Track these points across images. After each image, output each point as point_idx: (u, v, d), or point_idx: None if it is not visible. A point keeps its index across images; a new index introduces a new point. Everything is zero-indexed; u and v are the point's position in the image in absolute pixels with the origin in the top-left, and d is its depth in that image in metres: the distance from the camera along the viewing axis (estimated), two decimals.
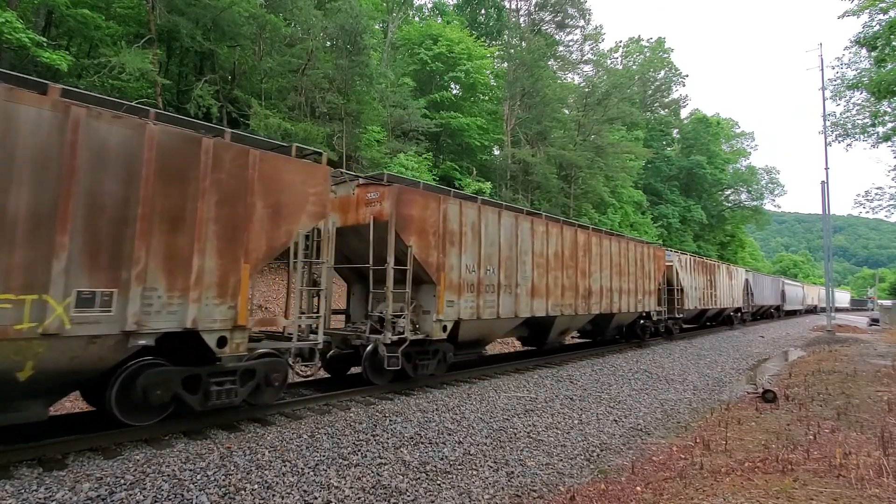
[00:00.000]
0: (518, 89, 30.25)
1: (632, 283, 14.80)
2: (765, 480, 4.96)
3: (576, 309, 11.78)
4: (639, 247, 15.80)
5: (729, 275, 24.90)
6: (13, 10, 12.38)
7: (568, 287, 11.47)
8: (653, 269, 16.38)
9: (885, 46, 18.91)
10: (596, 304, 12.69)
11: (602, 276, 13.06)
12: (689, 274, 20.39)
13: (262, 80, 18.38)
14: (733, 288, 25.58)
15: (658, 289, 16.90)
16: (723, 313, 25.15)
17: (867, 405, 8.74)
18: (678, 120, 58.84)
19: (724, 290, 23.98)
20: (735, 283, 26.08)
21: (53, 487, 4.11)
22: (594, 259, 12.72)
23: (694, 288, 20.74)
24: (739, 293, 26.58)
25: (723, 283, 23.74)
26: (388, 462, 5.44)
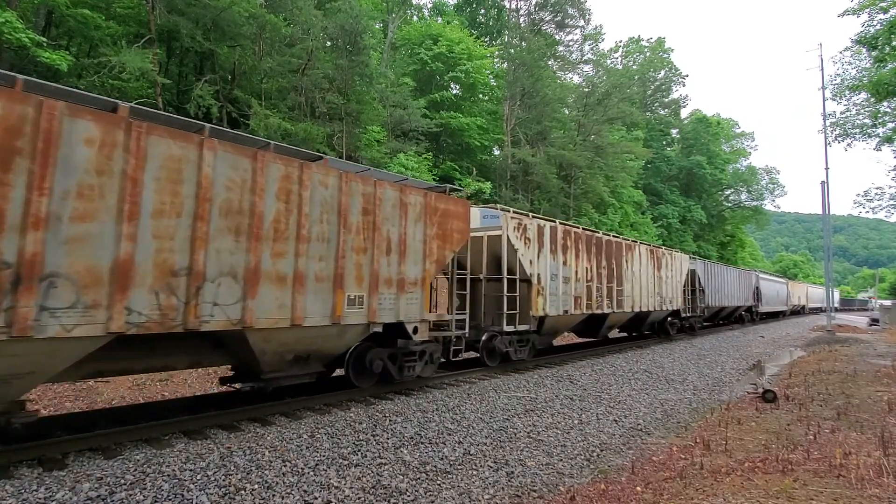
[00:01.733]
0: (518, 89, 30.25)
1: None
2: (765, 480, 4.96)
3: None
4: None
5: (657, 263, 17.00)
6: (13, 10, 12.38)
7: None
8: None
9: (885, 46, 18.91)
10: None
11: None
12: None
13: (262, 80, 18.38)
14: (665, 283, 17.46)
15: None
16: (645, 321, 17.01)
17: (867, 405, 8.74)
18: (678, 120, 58.84)
19: (645, 285, 16.13)
20: (671, 275, 18.10)
21: (53, 487, 4.11)
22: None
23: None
24: (677, 290, 18.64)
25: (642, 275, 15.88)
26: (388, 462, 5.44)
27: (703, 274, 21.68)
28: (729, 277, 25.48)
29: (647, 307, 16.12)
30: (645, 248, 16.14)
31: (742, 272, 28.90)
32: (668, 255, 18.13)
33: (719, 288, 23.75)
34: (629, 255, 15.09)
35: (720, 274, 24.26)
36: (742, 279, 28.11)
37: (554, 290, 11.57)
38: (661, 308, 17.09)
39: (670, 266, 18.21)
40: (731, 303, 25.60)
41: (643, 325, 17.20)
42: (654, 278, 16.58)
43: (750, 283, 29.70)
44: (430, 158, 24.38)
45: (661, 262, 17.39)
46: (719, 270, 24.34)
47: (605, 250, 13.77)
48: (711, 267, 23.24)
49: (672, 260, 18.41)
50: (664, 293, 17.39)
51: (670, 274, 18.06)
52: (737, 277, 27.12)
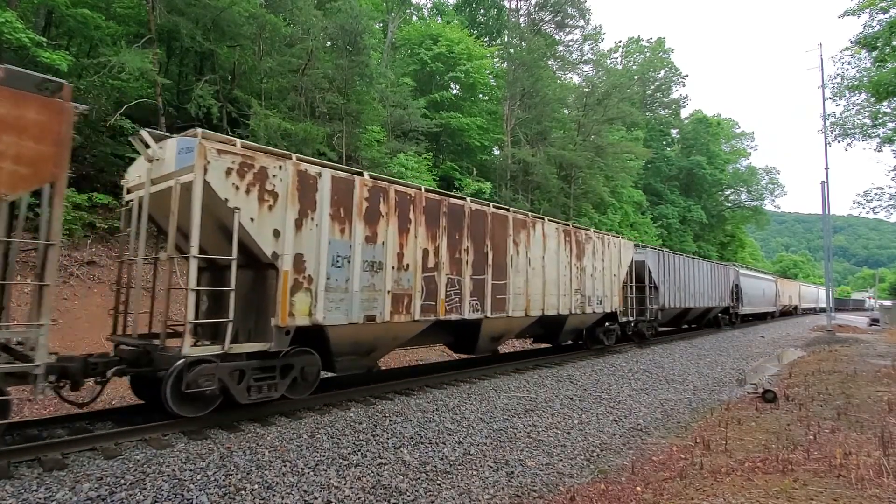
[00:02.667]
0: (518, 89, 30.24)
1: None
2: (765, 480, 4.96)
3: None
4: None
5: (575, 249, 12.50)
6: (13, 10, 12.37)
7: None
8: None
9: (885, 46, 18.92)
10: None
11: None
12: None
13: (262, 80, 18.37)
14: (591, 276, 13.07)
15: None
16: (562, 328, 12.41)
17: (867, 405, 8.74)
18: (678, 120, 58.83)
19: (555, 278, 11.69)
20: (602, 266, 13.62)
21: (53, 487, 4.11)
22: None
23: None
24: (613, 287, 14.06)
25: (548, 265, 11.45)
26: (388, 462, 5.44)
27: (656, 266, 17.15)
28: (696, 272, 20.91)
29: (559, 309, 11.50)
30: (554, 228, 11.73)
31: (716, 266, 24.07)
32: (598, 240, 13.48)
33: (682, 285, 19.20)
34: (522, 235, 10.51)
35: (682, 267, 19.50)
36: (716, 275, 23.40)
37: (340, 283, 6.91)
38: (585, 311, 12.61)
39: (600, 254, 13.49)
40: (701, 303, 21.18)
41: (561, 334, 12.49)
42: (570, 270, 12.13)
43: (727, 279, 25.02)
44: (430, 158, 24.38)
45: (584, 249, 12.75)
46: (681, 263, 19.46)
47: (470, 225, 9.11)
48: (669, 258, 18.40)
49: (604, 246, 13.66)
50: (589, 290, 12.79)
51: (601, 265, 13.46)
52: (708, 272, 22.45)
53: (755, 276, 31.91)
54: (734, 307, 26.33)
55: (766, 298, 33.11)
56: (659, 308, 17.22)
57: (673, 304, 18.42)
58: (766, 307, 32.97)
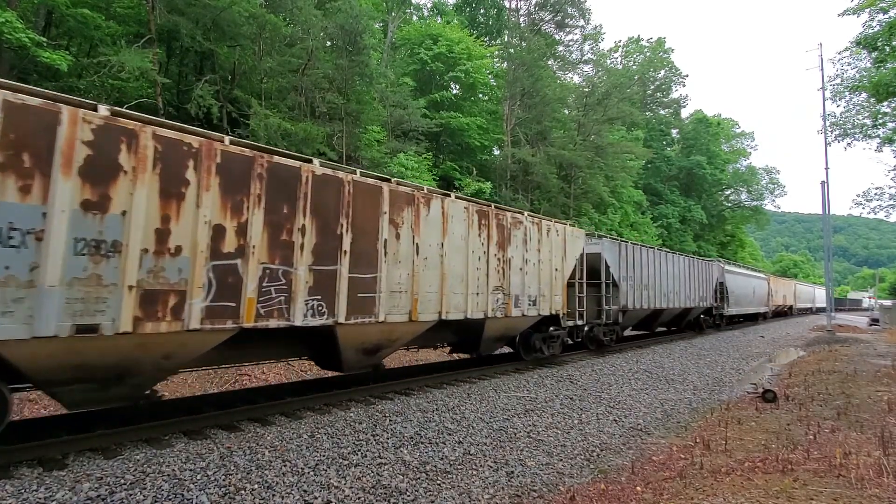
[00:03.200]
0: (518, 89, 30.23)
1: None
2: (765, 480, 4.96)
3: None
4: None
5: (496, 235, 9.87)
6: (13, 10, 12.37)
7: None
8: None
9: (885, 46, 18.92)
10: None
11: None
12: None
13: (262, 80, 18.36)
14: (520, 271, 10.45)
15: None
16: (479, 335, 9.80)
17: (867, 405, 8.74)
18: (678, 120, 58.84)
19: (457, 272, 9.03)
20: (538, 258, 11.03)
21: (53, 487, 4.11)
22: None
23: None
24: (553, 284, 11.41)
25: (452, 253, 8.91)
26: (388, 462, 5.44)
27: (616, 260, 14.54)
28: (670, 268, 18.26)
29: (469, 312, 8.87)
30: (462, 208, 8.95)
31: (696, 262, 21.23)
32: (532, 226, 10.77)
33: (652, 282, 16.58)
34: (407, 214, 7.86)
35: (652, 262, 16.82)
36: (696, 271, 20.83)
37: (12, 273, 4.24)
38: (511, 313, 9.93)
39: (535, 244, 10.80)
40: (676, 303, 18.57)
41: (482, 342, 9.75)
42: (488, 262, 9.40)
43: (709, 276, 22.43)
44: (430, 158, 24.37)
45: (511, 236, 10.07)
46: (650, 258, 16.79)
47: (312, 196, 6.45)
48: (633, 251, 15.64)
49: (540, 234, 11.03)
50: (517, 288, 10.12)
51: (536, 257, 10.76)
52: (685, 269, 19.73)
53: (744, 274, 29.03)
54: (718, 308, 23.73)
55: (756, 298, 30.35)
56: (620, 309, 14.49)
57: (639, 304, 15.67)
58: (756, 307, 30.32)
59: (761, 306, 31.70)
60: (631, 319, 16.24)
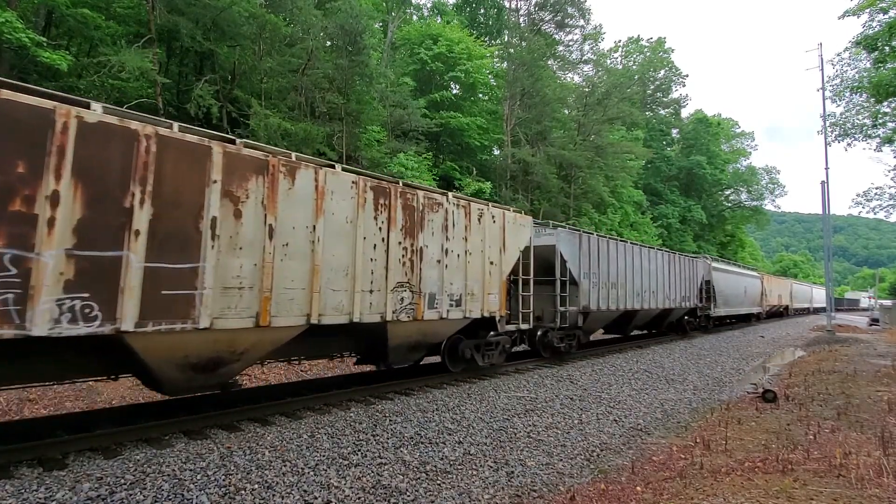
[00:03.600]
0: (518, 89, 30.23)
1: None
2: (765, 480, 4.96)
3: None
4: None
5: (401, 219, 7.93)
6: (13, 10, 12.37)
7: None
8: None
9: (885, 46, 18.92)
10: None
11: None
12: None
13: (262, 80, 18.36)
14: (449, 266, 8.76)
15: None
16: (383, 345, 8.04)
17: (867, 405, 8.74)
18: (678, 120, 58.86)
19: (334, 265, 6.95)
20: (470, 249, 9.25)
21: (53, 487, 4.11)
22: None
23: None
24: (483, 282, 9.44)
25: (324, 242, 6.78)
26: (388, 462, 5.44)
27: (576, 254, 12.66)
28: (646, 264, 16.19)
29: (358, 315, 7.02)
30: (349, 183, 7.08)
31: (676, 258, 18.90)
32: (455, 209, 8.86)
33: (622, 280, 14.66)
34: (254, 186, 5.97)
35: (621, 257, 14.77)
36: (678, 269, 18.66)
37: None
38: (423, 316, 8.09)
39: (461, 231, 8.94)
40: (652, 304, 16.50)
41: (389, 352, 8.02)
42: (388, 252, 7.57)
43: (694, 274, 20.30)
44: (430, 158, 24.37)
45: (424, 221, 8.22)
46: (620, 252, 14.75)
47: (76, 152, 4.63)
48: (597, 244, 13.60)
49: (469, 219, 9.09)
50: (432, 285, 8.29)
51: (462, 247, 8.90)
52: (664, 265, 17.49)
53: (734, 272, 26.85)
54: (704, 308, 21.56)
55: (748, 298, 28.38)
56: (580, 311, 12.66)
57: (605, 305, 13.70)
58: (748, 308, 28.44)
59: (754, 306, 29.82)
60: (596, 322, 14.26)
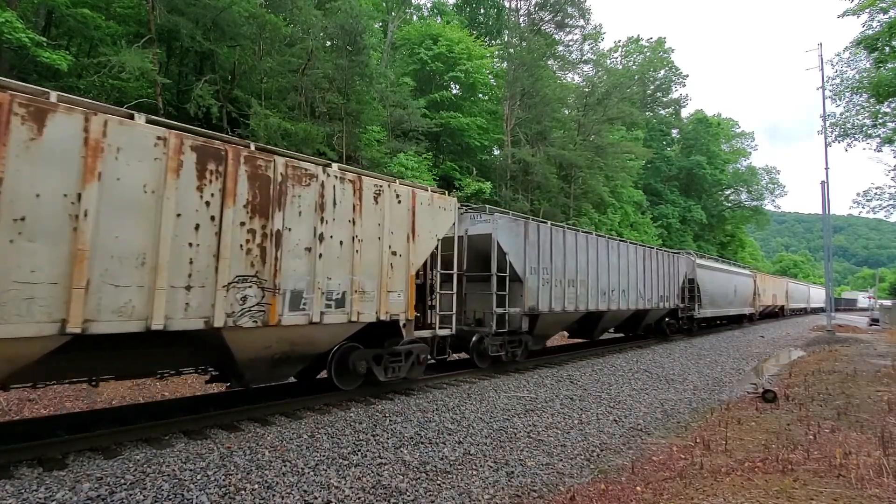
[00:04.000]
0: (518, 89, 30.24)
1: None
2: (765, 480, 4.96)
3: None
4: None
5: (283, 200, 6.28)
6: (13, 10, 12.37)
7: None
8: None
9: (885, 46, 18.92)
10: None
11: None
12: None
13: (262, 80, 18.37)
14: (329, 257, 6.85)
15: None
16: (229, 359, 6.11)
17: (867, 405, 8.74)
18: (678, 120, 58.87)
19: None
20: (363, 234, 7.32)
21: (53, 487, 4.11)
22: None
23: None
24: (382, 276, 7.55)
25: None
26: (388, 462, 5.44)
27: (520, 245, 10.90)
28: (614, 259, 14.18)
29: (151, 319, 5.04)
30: (146, 137, 5.20)
31: (653, 253, 16.74)
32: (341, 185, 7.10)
33: (583, 277, 12.76)
34: None
35: (583, 251, 12.89)
36: (655, 265, 16.59)
37: None
38: (274, 321, 6.13)
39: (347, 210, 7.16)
40: (623, 304, 14.55)
41: (241, 367, 6.15)
42: (220, 236, 5.66)
43: (675, 271, 18.39)
44: (430, 158, 24.38)
45: (286, 196, 6.34)
46: (581, 245, 12.82)
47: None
48: (546, 234, 11.69)
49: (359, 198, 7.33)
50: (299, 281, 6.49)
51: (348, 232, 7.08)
52: (638, 261, 15.44)
53: (722, 270, 24.62)
54: (687, 309, 19.61)
55: (738, 298, 26.43)
56: (524, 313, 10.85)
57: (559, 305, 11.79)
58: (738, 308, 26.50)
59: (745, 307, 28.06)
60: (550, 326, 12.28)
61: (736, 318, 27.96)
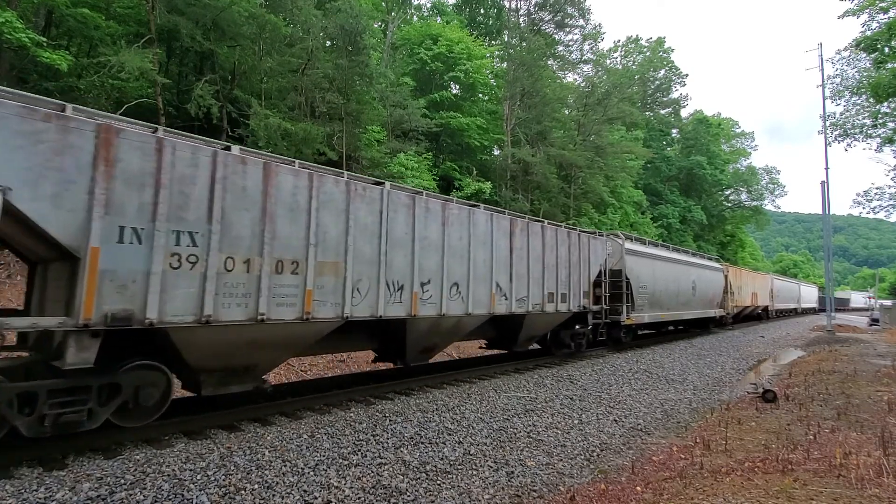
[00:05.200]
0: (518, 89, 30.24)
1: None
2: (765, 480, 4.96)
3: None
4: None
5: None
6: (13, 10, 12.37)
7: None
8: None
9: (885, 47, 18.91)
10: None
11: None
12: None
13: (262, 80, 18.37)
14: None
15: None
16: None
17: (867, 405, 8.74)
18: (678, 120, 58.88)
19: None
20: None
21: (53, 487, 4.11)
22: None
23: None
24: None
25: None
26: (388, 462, 5.44)
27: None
28: (430, 229, 8.20)
29: None
30: None
31: (528, 227, 10.71)
32: None
33: (354, 260, 6.89)
34: None
35: (335, 209, 6.70)
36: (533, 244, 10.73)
37: None
38: None
39: None
40: (457, 307, 8.59)
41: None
42: None
43: (578, 257, 12.45)
44: (430, 158, 24.37)
45: None
46: (316, 199, 6.45)
47: None
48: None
49: None
50: None
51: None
52: (499, 238, 9.76)
53: (670, 260, 18.39)
54: (603, 314, 13.63)
55: (700, 297, 20.46)
56: None
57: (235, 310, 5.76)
58: (698, 311, 20.36)
59: (710, 308, 21.99)
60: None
61: (699, 322, 22.01)
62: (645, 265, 16.22)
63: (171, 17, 15.46)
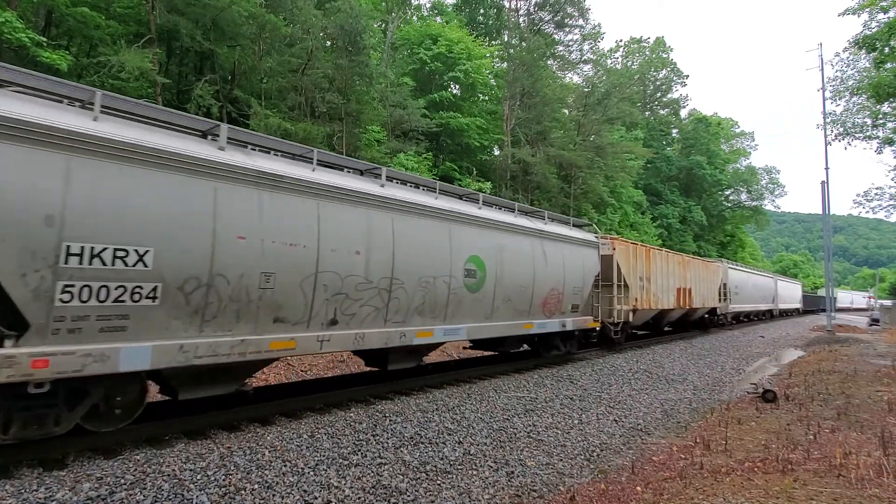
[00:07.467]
0: (518, 89, 30.23)
1: None
2: (765, 480, 4.96)
3: None
4: None
5: None
6: (13, 10, 12.37)
7: None
8: None
9: (885, 47, 18.90)
10: None
11: None
12: None
13: (262, 80, 18.36)
14: None
15: None
16: None
17: (867, 405, 8.74)
18: (678, 120, 58.88)
19: None
20: None
21: (53, 487, 4.11)
22: None
23: None
24: None
25: None
26: (388, 462, 5.44)
27: None
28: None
29: None
30: None
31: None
32: None
33: None
34: None
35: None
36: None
37: None
38: None
39: None
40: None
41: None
42: None
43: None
44: (429, 158, 24.37)
45: None
46: None
47: None
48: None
49: None
50: None
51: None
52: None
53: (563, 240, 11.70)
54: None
55: (518, 295, 9.89)
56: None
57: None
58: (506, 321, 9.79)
59: (552, 315, 11.13)
60: None
61: (518, 339, 11.24)
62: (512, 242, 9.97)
63: (170, 17, 15.44)
